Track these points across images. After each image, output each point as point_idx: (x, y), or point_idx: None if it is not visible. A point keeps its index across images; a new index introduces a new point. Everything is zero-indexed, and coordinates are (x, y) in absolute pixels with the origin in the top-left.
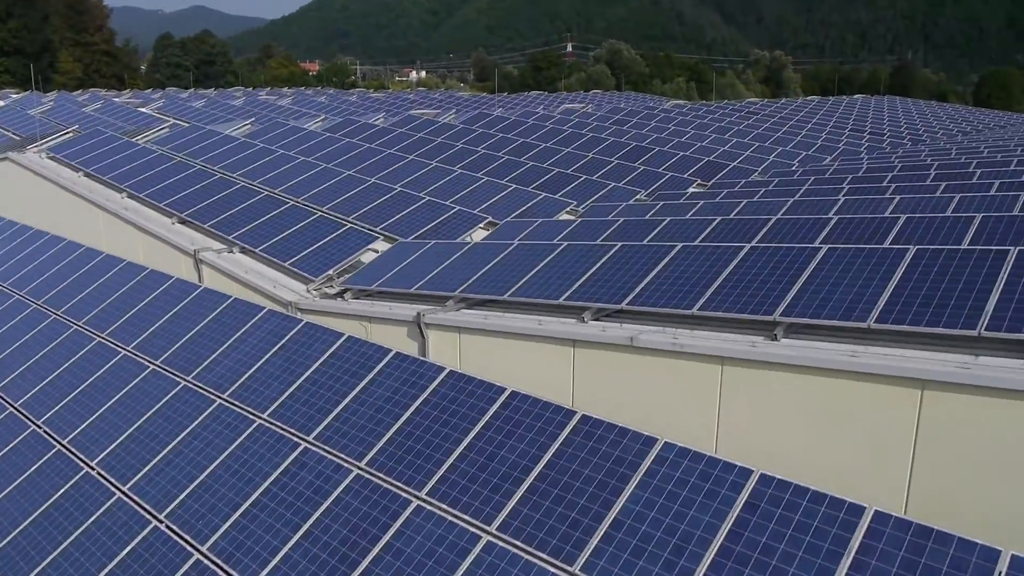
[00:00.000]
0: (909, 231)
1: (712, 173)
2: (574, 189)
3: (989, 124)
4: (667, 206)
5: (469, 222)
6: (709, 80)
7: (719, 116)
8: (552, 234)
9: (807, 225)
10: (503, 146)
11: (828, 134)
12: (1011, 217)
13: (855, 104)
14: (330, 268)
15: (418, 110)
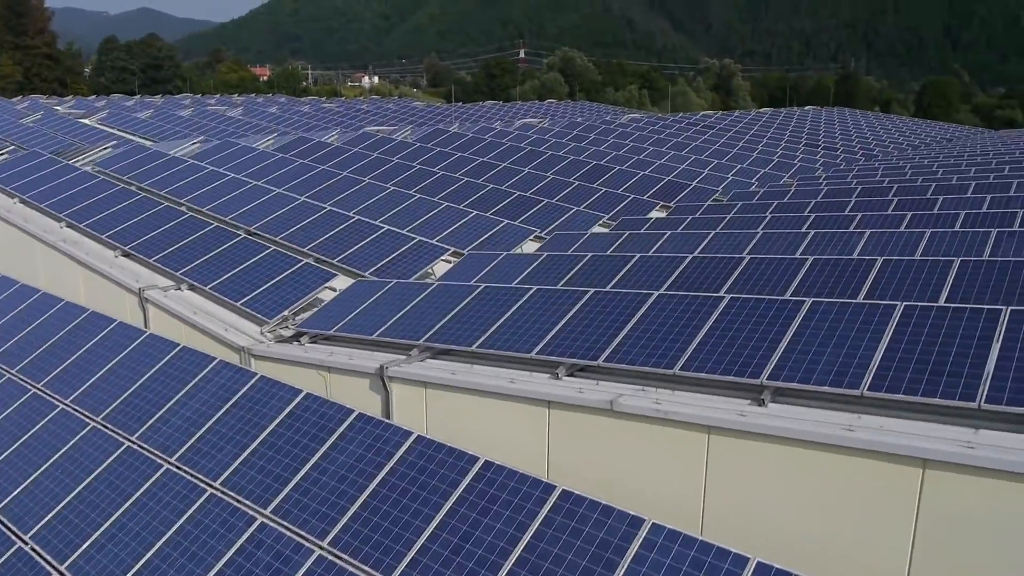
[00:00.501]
0: (887, 277)
1: (673, 193)
2: (536, 214)
3: (936, 137)
4: (632, 236)
5: (430, 254)
6: (661, 87)
7: (675, 131)
8: (517, 270)
9: (782, 267)
10: (461, 166)
11: (783, 149)
12: (989, 263)
13: (806, 116)
14: (285, 308)
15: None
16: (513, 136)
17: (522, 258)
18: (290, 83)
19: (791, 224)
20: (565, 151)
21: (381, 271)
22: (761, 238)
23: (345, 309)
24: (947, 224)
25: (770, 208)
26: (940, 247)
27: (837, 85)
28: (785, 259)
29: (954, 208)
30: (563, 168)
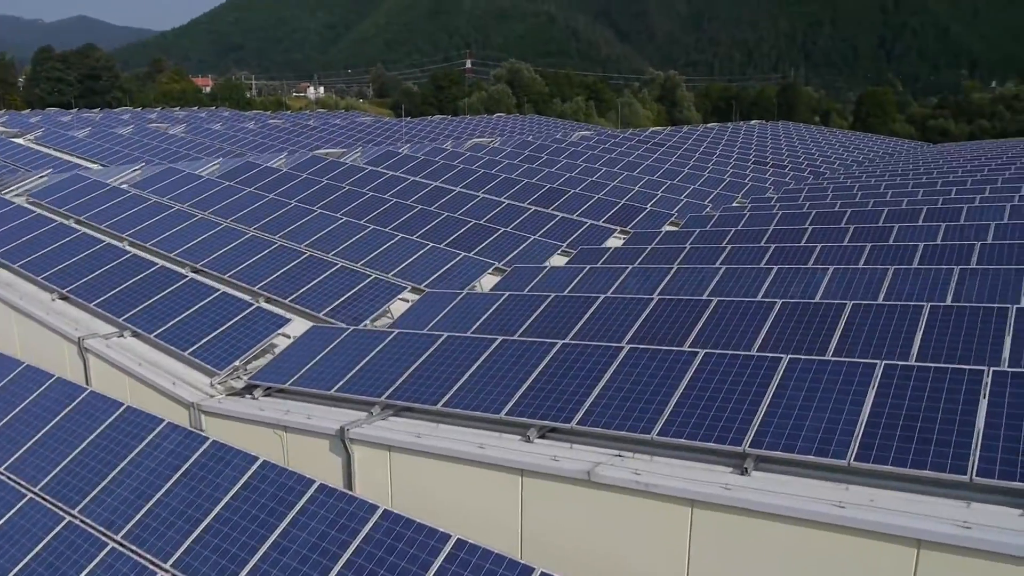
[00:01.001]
0: (857, 324)
1: (629, 218)
2: (493, 244)
3: (878, 152)
4: (593, 272)
5: (387, 293)
6: (607, 99)
7: (626, 149)
8: (477, 312)
9: (750, 311)
10: (414, 192)
11: (734, 167)
12: (958, 310)
13: (753, 131)
14: (237, 357)
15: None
16: (465, 158)
17: (482, 298)
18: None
19: (751, 257)
20: (518, 173)
21: (336, 311)
22: (724, 274)
23: (300, 359)
24: (907, 259)
25: (727, 237)
26: (904, 287)
27: (779, 96)
28: (753, 303)
29: (911, 239)
30: (517, 192)
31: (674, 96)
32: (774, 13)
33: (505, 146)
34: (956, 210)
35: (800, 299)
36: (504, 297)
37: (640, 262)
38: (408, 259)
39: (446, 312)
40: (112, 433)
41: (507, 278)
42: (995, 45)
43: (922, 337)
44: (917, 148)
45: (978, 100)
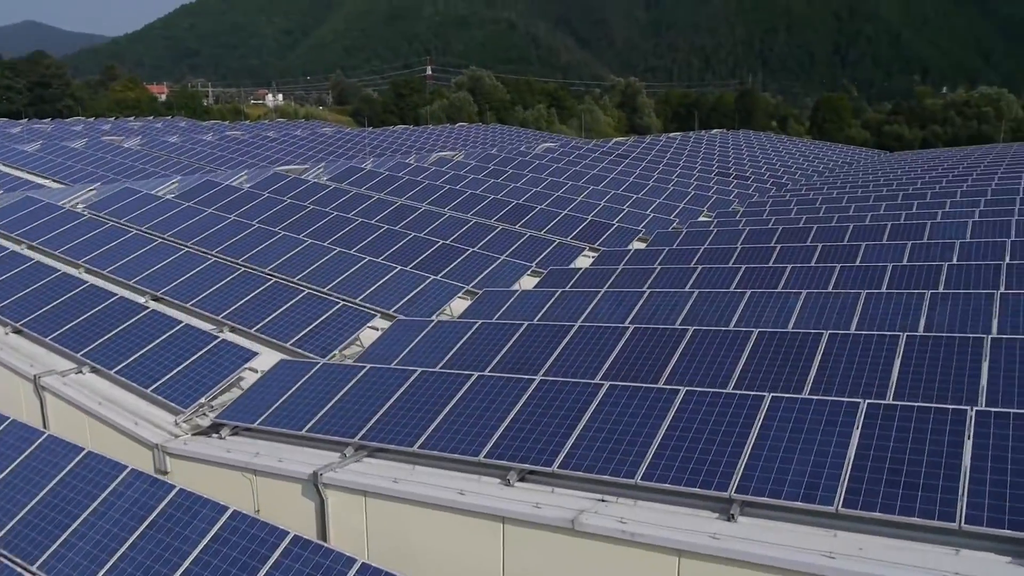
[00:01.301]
0: (834, 355)
1: (596, 234)
2: (461, 265)
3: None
4: (564, 296)
5: (356, 321)
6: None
7: (591, 162)
8: (450, 342)
9: (726, 342)
10: (379, 210)
11: (698, 180)
12: (935, 340)
13: (715, 141)
14: (202, 394)
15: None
16: (430, 173)
17: (454, 327)
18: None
19: (722, 279)
20: (484, 189)
21: (305, 341)
22: (697, 299)
23: (269, 396)
24: (876, 281)
25: (696, 256)
26: (877, 312)
27: (737, 102)
28: (729, 333)
29: (879, 258)
30: (484, 208)
31: (635, 103)
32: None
33: (469, 160)
34: (920, 227)
35: (775, 327)
36: (476, 326)
37: (611, 284)
38: (376, 283)
39: (417, 341)
40: (73, 481)
41: (478, 302)
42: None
43: (900, 368)
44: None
45: (931, 106)
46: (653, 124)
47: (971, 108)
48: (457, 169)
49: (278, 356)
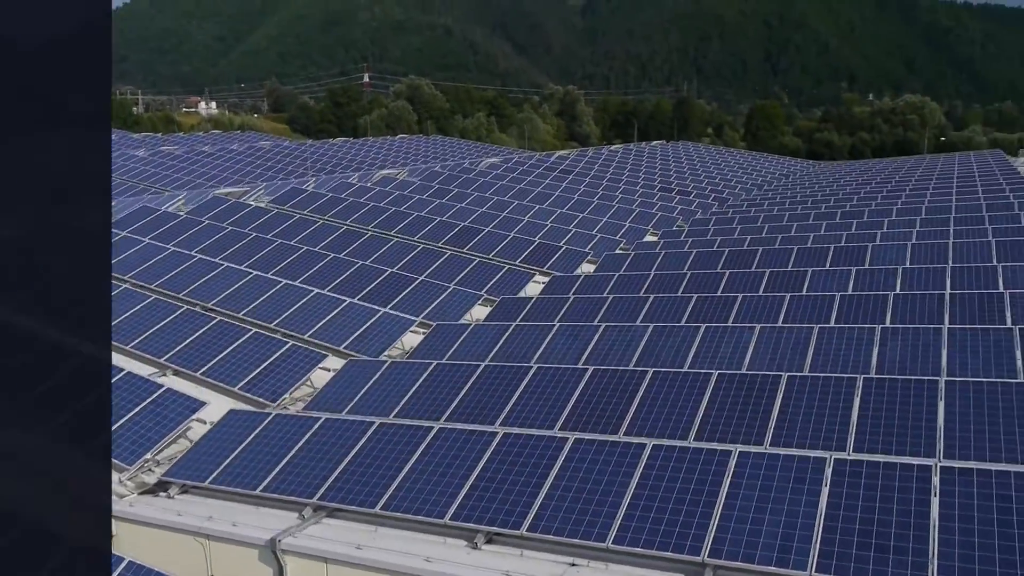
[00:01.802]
0: (795, 398)
1: (545, 257)
2: (411, 296)
3: (774, 172)
4: (519, 330)
5: (307, 361)
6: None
7: (535, 178)
8: (405, 385)
9: (687, 385)
10: (323, 236)
11: (641, 196)
12: (891, 384)
13: (655, 154)
14: (148, 449)
15: (224, 189)
16: (374, 193)
17: (409, 369)
18: (119, 112)
19: (674, 310)
20: (429, 210)
21: (254, 385)
22: (652, 334)
23: (220, 451)
24: (825, 313)
25: (645, 283)
26: (831, 350)
27: (674, 110)
28: (688, 375)
29: (825, 287)
30: (431, 231)
31: (574, 111)
32: (666, 28)
33: (414, 177)
34: (861, 250)
35: (731, 366)
36: (431, 368)
37: (563, 315)
38: (325, 317)
39: (371, 384)
40: None
41: (430, 338)
42: (871, 59)
43: (859, 411)
44: (808, 168)
45: (859, 113)
46: (592, 132)
47: (897, 115)
48: (401, 189)
49: (226, 402)
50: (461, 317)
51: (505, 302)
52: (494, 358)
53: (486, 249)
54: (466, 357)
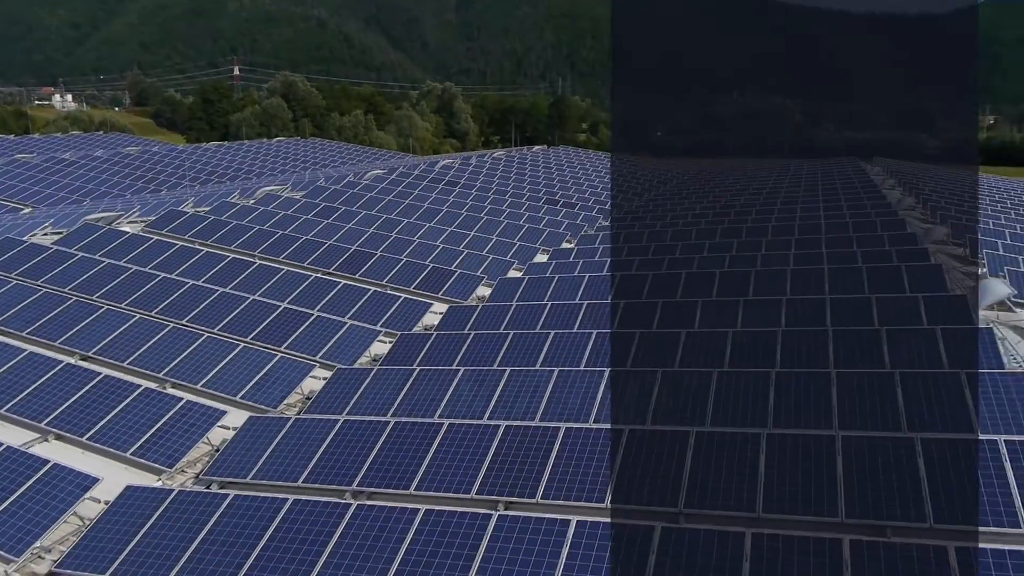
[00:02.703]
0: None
1: (439, 282)
2: (307, 334)
3: (651, 180)
4: (423, 376)
5: (203, 420)
6: (386, 111)
7: (422, 191)
8: (312, 445)
9: (600, 441)
10: (208, 267)
11: (528, 209)
12: (793, 437)
13: (538, 161)
14: (36, 537)
15: (94, 214)
16: (258, 215)
17: (314, 428)
18: None
19: (574, 348)
20: (317, 232)
21: (147, 449)
22: (557, 380)
23: (117, 538)
24: (719, 354)
25: (542, 315)
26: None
27: (551, 107)
28: (602, 431)
29: (716, 322)
30: (321, 256)
31: (452, 107)
32: (540, 25)
33: (298, 192)
34: (744, 276)
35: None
36: (339, 426)
37: (464, 355)
38: (218, 364)
39: (277, 444)
40: None
41: (332, 384)
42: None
43: (764, 470)
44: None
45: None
46: (471, 129)
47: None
48: (286, 207)
49: (119, 471)
50: (360, 355)
51: (404, 339)
52: (401, 408)
53: (379, 275)
54: (371, 407)
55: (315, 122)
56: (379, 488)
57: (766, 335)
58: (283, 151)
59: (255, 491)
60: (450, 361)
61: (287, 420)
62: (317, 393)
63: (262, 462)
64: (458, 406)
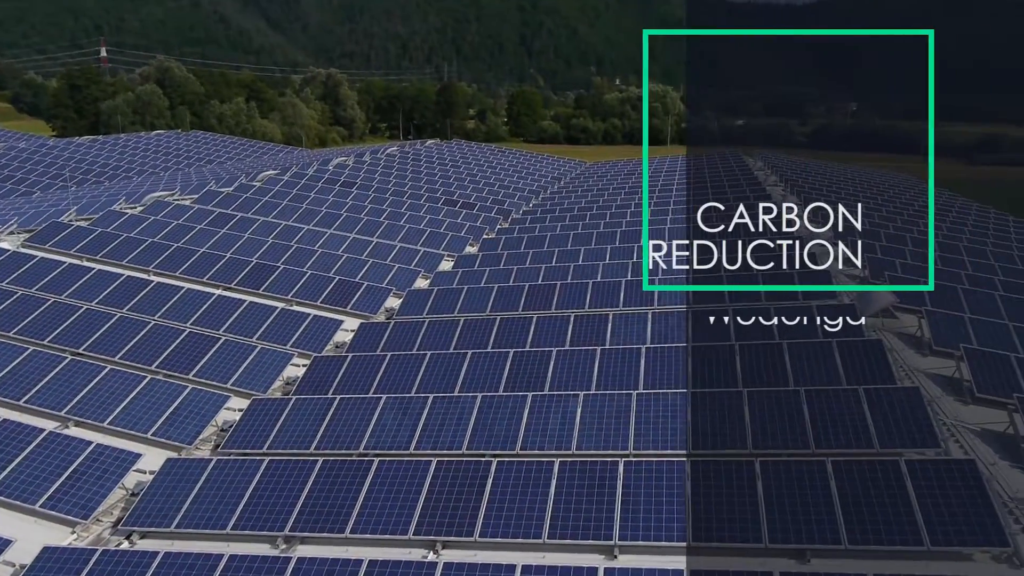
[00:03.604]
0: (633, 488)
1: (346, 296)
2: (215, 360)
3: (545, 175)
4: (344, 404)
5: (115, 465)
6: (268, 98)
7: (318, 194)
8: (238, 488)
9: (532, 476)
10: (100, 287)
11: (427, 212)
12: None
13: (432, 156)
14: None
15: None
16: (148, 224)
17: (238, 470)
18: None
19: (493, 369)
20: (215, 243)
21: (58, 501)
22: (481, 406)
23: None
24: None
25: (456, 334)
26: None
27: (438, 94)
28: (532, 465)
29: (627, 338)
30: (222, 271)
31: (337, 95)
32: (424, 8)
33: (187, 198)
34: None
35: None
36: (265, 467)
37: (382, 380)
38: (124, 399)
39: (200, 488)
40: None
41: (250, 416)
42: (615, 44)
43: (691, 495)
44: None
45: (609, 100)
46: (357, 117)
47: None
48: (178, 215)
49: (30, 526)
50: (274, 380)
51: (319, 362)
52: (324, 440)
53: (284, 289)
54: (292, 440)
55: (194, 110)
56: (313, 532)
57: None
58: (164, 146)
59: (182, 541)
60: (368, 387)
61: (208, 462)
62: (234, 426)
63: (186, 509)
64: (383, 437)
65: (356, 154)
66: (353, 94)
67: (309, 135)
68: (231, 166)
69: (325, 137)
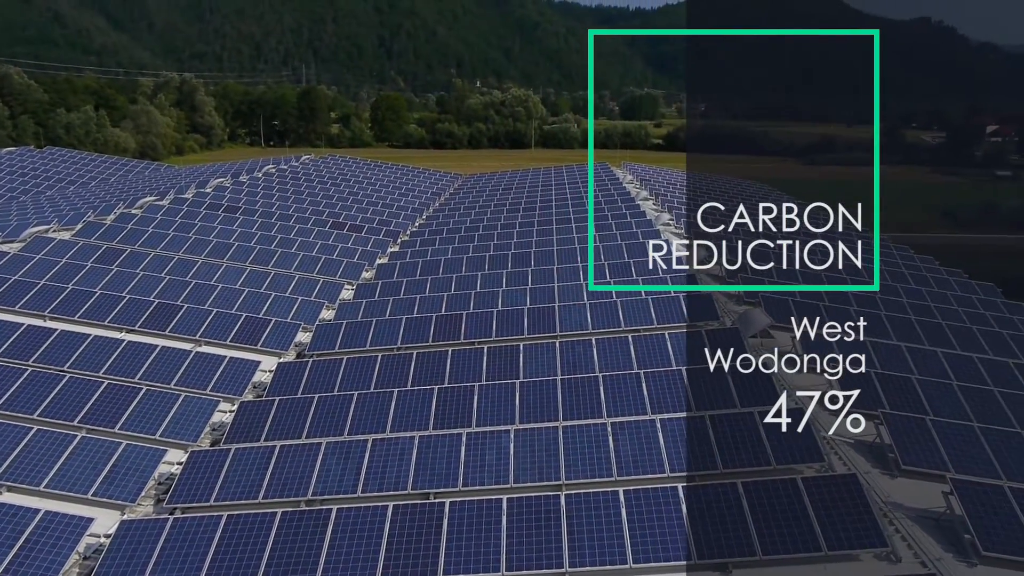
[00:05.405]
0: (577, 524)
1: (255, 333)
2: (140, 410)
3: (427, 191)
4: (284, 455)
5: (70, 531)
6: (120, 105)
7: (203, 222)
8: (200, 549)
9: (483, 513)
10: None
11: (317, 236)
12: (528, 500)
13: (310, 174)
14: None
15: None
16: (32, 264)
17: (195, 530)
18: None
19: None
20: (108, 282)
21: (12, 574)
22: (420, 445)
23: None
24: (552, 406)
25: (374, 370)
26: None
27: (300, 99)
28: (483, 505)
29: (537, 371)
30: (123, 313)
31: (193, 100)
32: (278, 8)
33: (66, 232)
34: (549, 311)
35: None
36: (224, 523)
37: (313, 422)
38: (57, 460)
39: (159, 552)
40: None
41: (191, 468)
42: (474, 47)
43: (627, 523)
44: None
45: (474, 105)
46: (215, 124)
47: (507, 108)
48: (62, 253)
49: None
50: (203, 430)
51: (246, 408)
52: (271, 490)
53: (191, 330)
54: (239, 492)
55: (37, 120)
56: None
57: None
58: (17, 165)
59: None
60: (299, 431)
61: (165, 521)
62: (176, 480)
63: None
64: (329, 482)
65: (232, 173)
66: (210, 100)
67: (166, 144)
68: (96, 187)
69: (183, 146)
